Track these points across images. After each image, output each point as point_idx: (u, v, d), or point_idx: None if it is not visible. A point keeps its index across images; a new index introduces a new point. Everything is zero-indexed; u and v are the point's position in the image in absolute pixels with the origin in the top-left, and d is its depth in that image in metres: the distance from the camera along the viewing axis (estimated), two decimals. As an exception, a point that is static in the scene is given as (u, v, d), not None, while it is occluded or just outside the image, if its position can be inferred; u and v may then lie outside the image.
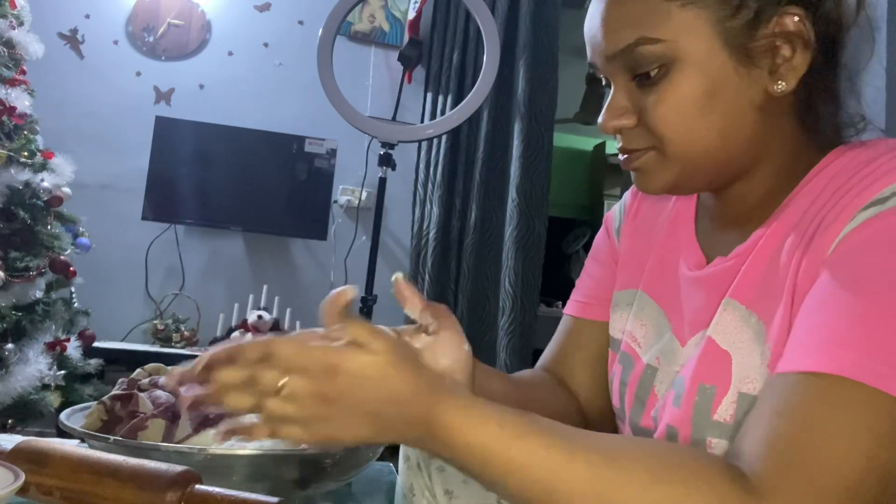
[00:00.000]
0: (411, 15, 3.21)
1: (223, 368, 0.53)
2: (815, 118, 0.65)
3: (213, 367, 0.53)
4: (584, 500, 0.50)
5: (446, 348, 0.65)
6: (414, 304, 0.65)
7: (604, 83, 0.69)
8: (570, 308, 0.89)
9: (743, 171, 0.67)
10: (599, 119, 0.68)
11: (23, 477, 0.56)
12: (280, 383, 0.51)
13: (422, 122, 3.16)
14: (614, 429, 0.83)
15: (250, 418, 0.54)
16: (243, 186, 3.07)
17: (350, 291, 0.56)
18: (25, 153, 2.29)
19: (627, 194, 0.89)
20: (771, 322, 0.61)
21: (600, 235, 0.90)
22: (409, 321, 0.68)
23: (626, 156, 0.68)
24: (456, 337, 0.65)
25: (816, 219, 0.60)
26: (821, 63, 0.63)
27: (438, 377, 0.55)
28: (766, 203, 0.66)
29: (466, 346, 0.66)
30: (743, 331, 0.63)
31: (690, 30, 0.61)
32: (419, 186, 3.19)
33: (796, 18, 0.61)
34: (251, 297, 2.97)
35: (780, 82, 0.62)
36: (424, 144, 3.19)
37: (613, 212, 0.90)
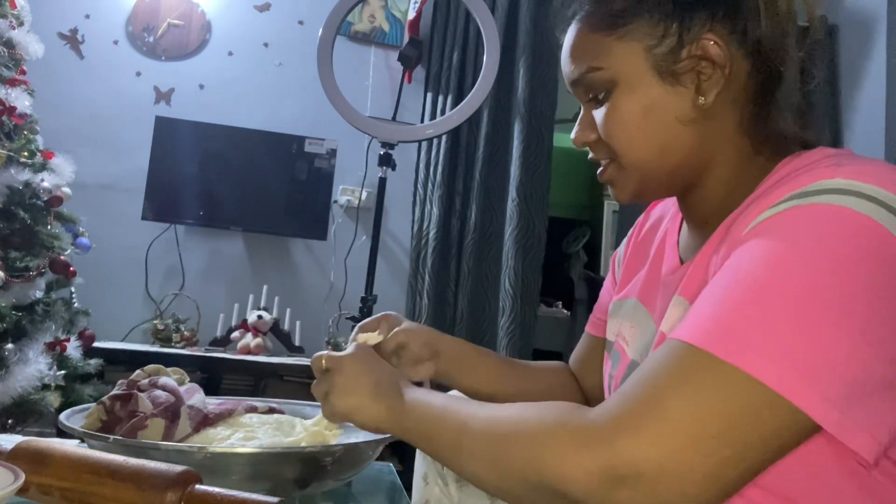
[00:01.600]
0: (411, 15, 3.21)
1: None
2: (759, 129, 0.72)
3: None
4: (477, 448, 0.63)
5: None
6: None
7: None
8: (590, 326, 1.03)
9: (695, 177, 0.75)
10: (572, 134, 0.80)
11: (23, 477, 0.56)
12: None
13: (422, 122, 3.16)
14: None
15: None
16: (243, 186, 3.07)
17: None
18: (25, 153, 2.29)
19: (644, 213, 0.99)
20: None
21: (619, 250, 1.01)
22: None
23: (599, 169, 0.79)
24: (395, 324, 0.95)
25: (731, 224, 0.67)
26: (755, 78, 0.71)
27: (396, 373, 0.81)
28: (723, 208, 0.73)
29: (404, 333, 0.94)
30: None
31: (626, 58, 0.72)
32: (419, 186, 3.19)
33: (712, 43, 0.70)
34: (251, 297, 2.97)
35: (701, 98, 0.71)
36: (424, 144, 3.19)
37: (632, 230, 1.00)
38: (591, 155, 0.80)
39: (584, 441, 0.55)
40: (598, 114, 0.75)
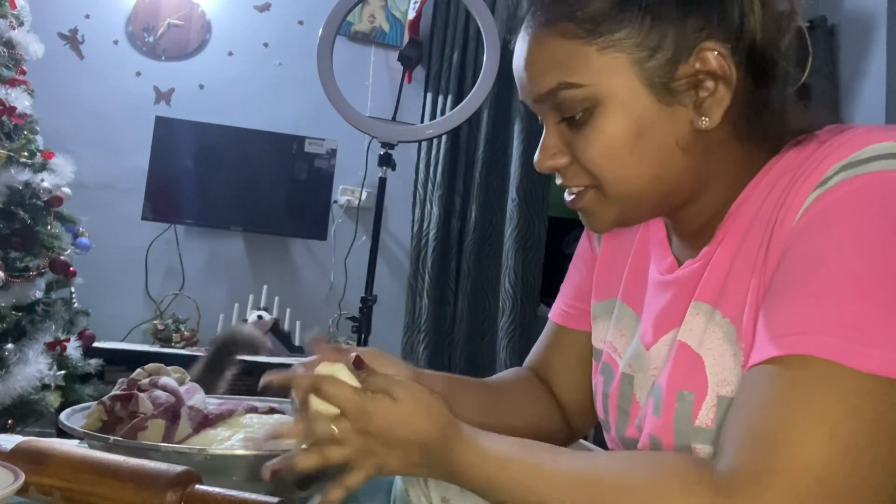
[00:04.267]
0: (411, 15, 3.21)
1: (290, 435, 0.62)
2: (756, 132, 0.65)
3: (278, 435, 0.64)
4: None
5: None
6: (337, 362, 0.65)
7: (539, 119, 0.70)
8: (555, 315, 0.91)
9: (689, 197, 0.67)
10: (535, 158, 0.68)
11: (23, 477, 0.56)
12: (333, 429, 0.58)
13: (422, 122, 3.15)
14: (594, 425, 0.85)
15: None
16: (243, 186, 3.07)
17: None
18: (25, 153, 2.29)
19: None
20: (740, 322, 0.61)
21: (583, 242, 0.91)
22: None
23: (571, 196, 0.69)
24: (391, 370, 0.71)
25: (773, 214, 0.60)
26: (752, 85, 0.62)
27: (447, 417, 0.60)
28: (721, 213, 0.67)
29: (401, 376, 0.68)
30: (711, 331, 0.63)
31: (611, 73, 0.61)
32: (419, 186, 3.19)
33: (715, 53, 0.60)
34: (251, 297, 2.97)
35: (703, 118, 0.61)
36: (424, 144, 3.19)
37: None
38: (559, 180, 0.69)
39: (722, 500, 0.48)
40: (575, 136, 0.64)
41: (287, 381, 0.63)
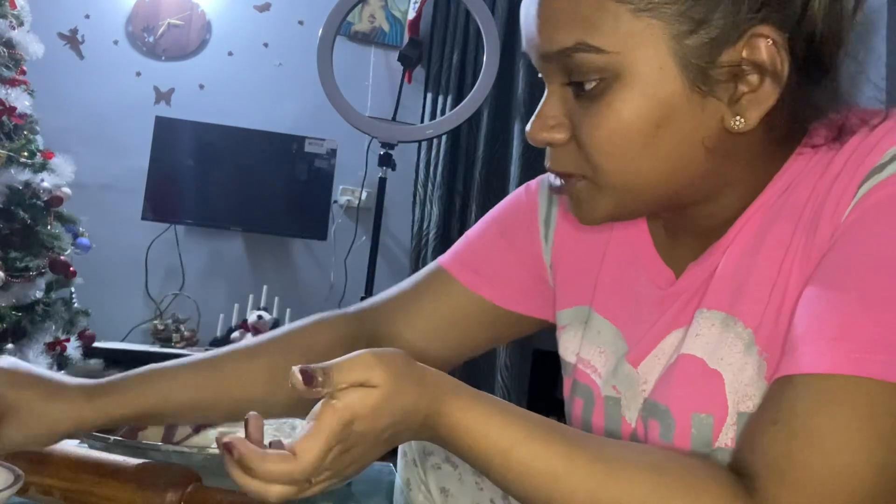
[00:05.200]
0: (411, 15, 3.21)
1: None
2: (792, 135, 0.57)
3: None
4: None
5: None
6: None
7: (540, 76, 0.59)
8: (453, 265, 0.77)
9: (701, 197, 0.58)
10: (528, 127, 0.57)
11: (23, 477, 0.56)
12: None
13: (422, 122, 3.15)
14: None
15: None
16: (243, 186, 3.07)
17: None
18: (25, 153, 2.29)
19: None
20: (758, 327, 0.56)
21: (517, 209, 0.79)
22: None
23: (557, 181, 0.59)
24: None
25: (808, 209, 0.54)
26: (799, 85, 0.53)
27: (439, 380, 0.52)
28: (739, 212, 0.59)
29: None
30: (729, 342, 0.57)
31: (642, 42, 0.51)
32: (419, 186, 3.19)
33: (769, 42, 0.51)
34: (251, 297, 2.97)
35: (738, 118, 0.52)
36: (424, 144, 3.19)
37: (540, 199, 0.79)
38: (548, 161, 0.58)
39: None
40: (582, 110, 0.54)
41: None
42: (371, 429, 0.48)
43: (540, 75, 0.59)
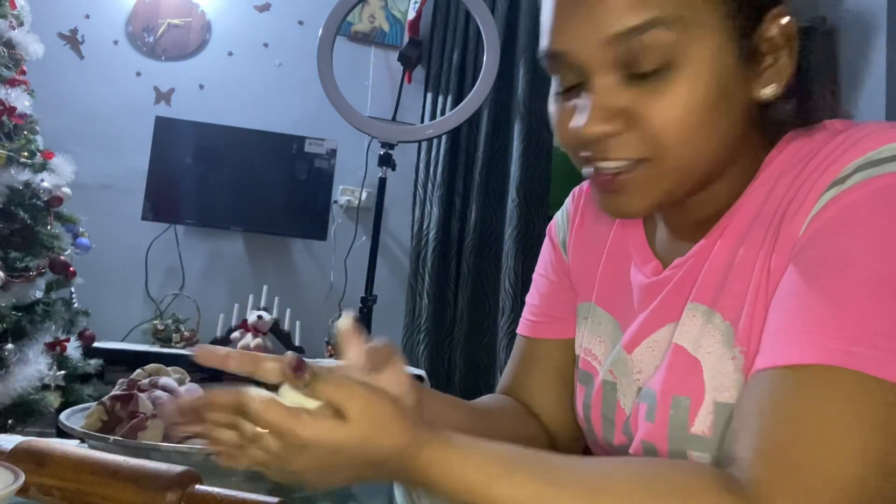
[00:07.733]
0: (411, 15, 3.21)
1: (212, 411, 0.51)
2: (775, 119, 0.60)
3: (202, 409, 0.52)
4: None
5: (386, 386, 0.55)
6: (354, 352, 0.58)
7: (560, 82, 0.59)
8: (523, 328, 0.84)
9: (708, 180, 0.60)
10: (577, 123, 0.56)
11: (23, 477, 0.56)
12: (257, 431, 0.49)
13: (422, 122, 3.16)
14: (584, 446, 0.80)
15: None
16: (243, 186, 3.07)
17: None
18: (25, 153, 2.29)
19: (568, 202, 0.85)
20: (738, 323, 0.58)
21: (546, 250, 0.85)
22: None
23: (614, 168, 0.57)
24: (396, 377, 0.57)
25: (779, 211, 0.57)
26: (802, 62, 0.57)
27: (416, 432, 0.50)
28: (724, 208, 0.62)
29: (407, 386, 0.57)
30: (709, 333, 0.60)
31: (707, 18, 0.52)
32: (419, 186, 3.19)
33: (788, 19, 0.55)
34: (251, 297, 2.97)
35: (769, 86, 0.56)
36: (424, 144, 3.19)
37: (556, 223, 0.85)
38: (602, 153, 0.56)
39: None
40: (641, 96, 0.54)
41: (205, 404, 0.51)
42: (328, 459, 0.49)
43: (556, 76, 0.59)
